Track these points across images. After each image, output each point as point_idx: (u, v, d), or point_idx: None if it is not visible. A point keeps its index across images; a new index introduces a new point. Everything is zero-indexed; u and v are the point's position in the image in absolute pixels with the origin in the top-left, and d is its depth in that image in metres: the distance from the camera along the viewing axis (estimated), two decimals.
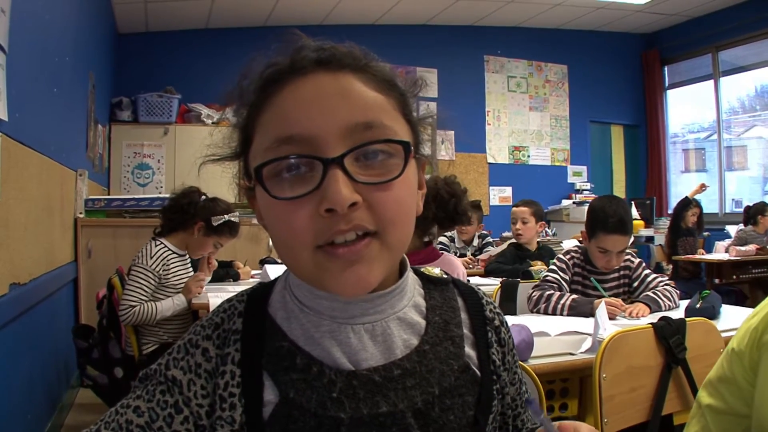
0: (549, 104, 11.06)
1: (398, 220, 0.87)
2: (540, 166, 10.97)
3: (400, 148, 0.87)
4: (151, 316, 3.59)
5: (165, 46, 8.60)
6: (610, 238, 3.15)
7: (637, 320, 2.91)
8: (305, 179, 0.84)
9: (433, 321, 0.99)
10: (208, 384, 0.92)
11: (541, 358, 2.23)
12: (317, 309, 0.93)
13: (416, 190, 0.95)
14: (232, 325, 0.95)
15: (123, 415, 0.90)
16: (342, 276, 0.85)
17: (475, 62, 10.60)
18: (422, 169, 1.00)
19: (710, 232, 8.67)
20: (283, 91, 0.88)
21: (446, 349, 0.97)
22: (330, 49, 0.90)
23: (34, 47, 3.36)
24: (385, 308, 0.94)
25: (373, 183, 0.84)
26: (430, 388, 0.92)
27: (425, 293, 1.03)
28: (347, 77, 0.89)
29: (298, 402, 0.88)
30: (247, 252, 5.47)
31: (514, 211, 5.16)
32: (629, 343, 2.16)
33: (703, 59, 10.72)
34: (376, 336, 0.93)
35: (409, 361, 0.93)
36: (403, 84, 0.96)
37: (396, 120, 0.90)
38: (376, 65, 0.93)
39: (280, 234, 0.88)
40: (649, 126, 11.53)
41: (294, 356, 0.91)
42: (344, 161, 0.82)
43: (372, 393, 0.89)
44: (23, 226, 3.18)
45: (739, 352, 1.47)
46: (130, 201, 5.67)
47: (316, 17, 8.96)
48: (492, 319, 1.08)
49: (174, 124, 7.88)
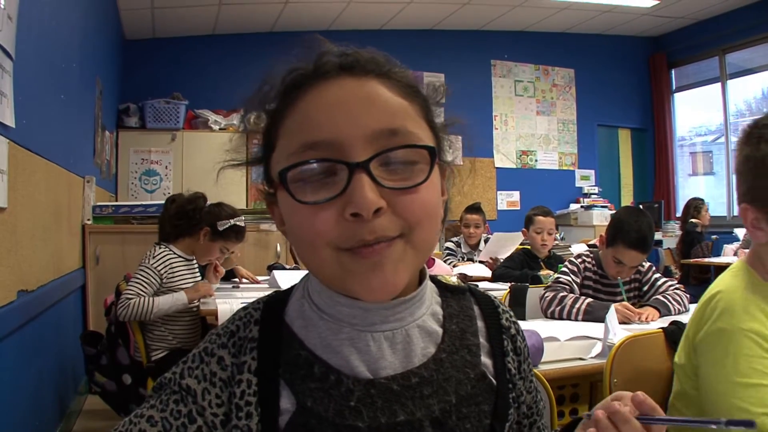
0: (556, 108, 11.04)
1: (424, 221, 0.86)
2: (547, 170, 10.94)
3: (425, 153, 0.86)
4: (148, 310, 3.54)
5: (172, 52, 8.61)
6: (628, 253, 3.12)
7: (647, 325, 2.90)
8: (330, 184, 0.83)
9: (450, 330, 0.99)
10: (223, 393, 0.91)
11: (551, 363, 2.22)
12: (337, 316, 0.92)
13: (440, 196, 0.94)
14: (248, 333, 0.95)
15: (137, 425, 0.90)
16: (366, 278, 0.84)
17: (482, 67, 10.59)
18: (444, 176, 1.00)
19: (718, 235, 8.62)
20: (307, 96, 0.88)
21: (463, 358, 0.97)
22: (353, 54, 0.90)
23: (41, 54, 3.37)
24: (404, 316, 0.94)
25: (400, 188, 0.84)
26: (447, 397, 0.92)
27: (442, 301, 1.03)
28: (372, 83, 0.88)
29: (316, 411, 0.87)
30: (254, 258, 5.47)
31: (542, 221, 5.01)
32: (640, 347, 2.14)
33: (711, 62, 10.68)
34: (395, 344, 0.92)
35: (427, 369, 0.92)
36: (426, 90, 0.96)
37: (420, 126, 0.90)
38: (399, 71, 0.93)
39: (303, 236, 0.87)
40: (657, 129, 11.49)
41: (312, 365, 0.90)
42: (370, 166, 0.82)
43: (390, 402, 0.88)
44: (31, 233, 3.18)
45: (681, 365, 1.66)
46: (138, 207, 5.67)
47: (322, 22, 8.97)
48: (508, 328, 1.08)
49: (181, 130, 7.90)
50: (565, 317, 3.10)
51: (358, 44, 0.94)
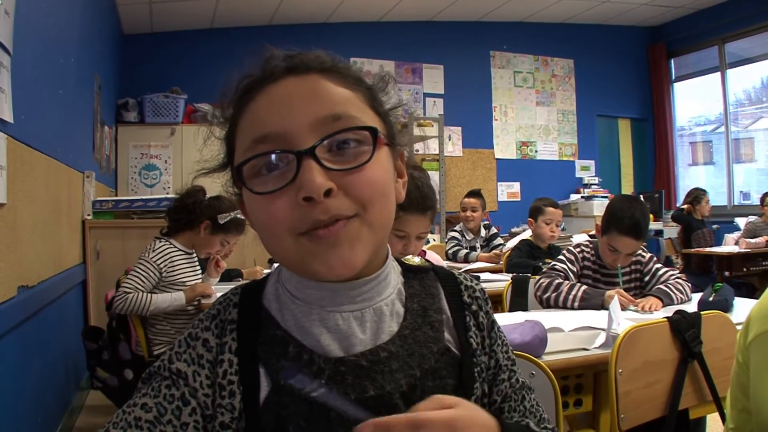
0: (556, 99, 11.03)
1: (375, 199, 0.91)
2: (548, 161, 10.95)
3: (367, 134, 0.91)
4: (144, 306, 3.55)
5: (170, 46, 8.61)
6: (622, 240, 3.12)
7: (650, 314, 2.89)
8: (283, 174, 0.89)
9: (411, 308, 1.03)
10: (211, 374, 0.95)
11: (554, 353, 2.21)
12: (307, 300, 0.97)
13: (392, 175, 0.99)
14: (228, 315, 0.99)
15: (131, 413, 0.91)
16: (325, 258, 0.89)
17: (482, 58, 10.58)
18: (401, 160, 1.05)
19: (719, 224, 8.63)
20: (256, 98, 0.94)
21: (425, 334, 1.01)
22: (298, 56, 0.96)
23: (38, 49, 3.35)
24: (371, 295, 0.98)
25: (345, 169, 0.89)
26: (412, 371, 0.96)
27: (405, 281, 1.07)
28: (315, 78, 0.94)
29: (289, 388, 0.91)
30: (255, 252, 5.46)
31: (553, 213, 5.04)
32: (644, 337, 2.14)
33: (710, 51, 10.69)
34: (364, 322, 0.97)
35: (393, 344, 0.97)
36: (372, 80, 1.03)
37: (364, 111, 0.95)
38: (343, 65, 0.99)
39: (264, 226, 0.92)
40: (657, 119, 11.50)
41: (287, 344, 0.95)
42: (316, 152, 0.87)
43: (360, 377, 0.92)
44: (31, 229, 3.17)
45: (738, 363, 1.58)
46: (138, 202, 5.66)
47: (321, 15, 8.95)
48: (470, 304, 1.11)
49: (180, 124, 7.87)
50: (561, 305, 3.10)
51: (357, 37, 0.97)
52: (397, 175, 1.02)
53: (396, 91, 1.06)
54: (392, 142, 1.00)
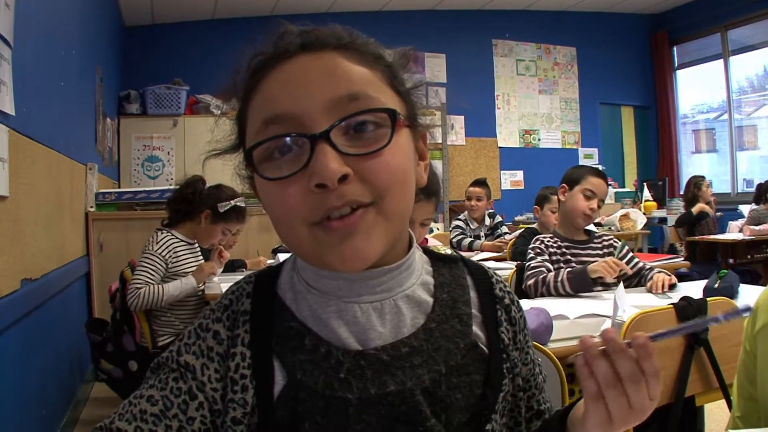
0: (558, 87, 11.00)
1: (393, 187, 0.86)
2: (551, 149, 10.92)
3: (386, 116, 0.86)
4: (158, 298, 3.55)
5: (171, 37, 8.59)
6: (598, 180, 3.32)
7: (664, 296, 2.92)
8: (296, 159, 0.84)
9: (441, 298, 0.99)
10: (221, 367, 0.92)
11: (560, 341, 2.21)
12: (323, 290, 0.93)
13: (412, 159, 0.94)
14: (240, 306, 0.96)
15: (137, 405, 0.90)
16: (339, 249, 0.84)
17: (484, 46, 10.55)
18: (423, 141, 1.00)
19: (723, 212, 8.60)
20: (269, 77, 0.89)
21: (453, 327, 0.97)
22: (313, 32, 0.91)
23: (40, 41, 3.34)
24: (392, 286, 0.94)
25: (362, 154, 0.84)
26: (437, 366, 0.92)
27: (433, 271, 1.03)
28: (330, 55, 0.89)
29: (306, 383, 0.88)
30: (258, 242, 5.46)
31: (551, 197, 5.13)
32: (650, 324, 2.12)
33: (712, 39, 10.66)
34: (384, 314, 0.92)
35: (417, 339, 0.93)
36: (391, 57, 0.96)
37: (382, 91, 0.90)
38: (361, 41, 0.93)
39: (276, 214, 0.88)
40: (660, 107, 11.47)
41: (303, 337, 0.91)
42: (331, 135, 0.82)
43: (380, 372, 0.89)
44: (34, 221, 3.17)
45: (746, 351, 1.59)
46: (141, 194, 5.66)
47: (322, 5, 8.93)
48: (502, 298, 1.07)
49: (183, 115, 7.86)
50: (555, 293, 3.10)
51: (359, 27, 0.94)
52: (419, 157, 0.98)
53: None
54: (413, 123, 0.95)
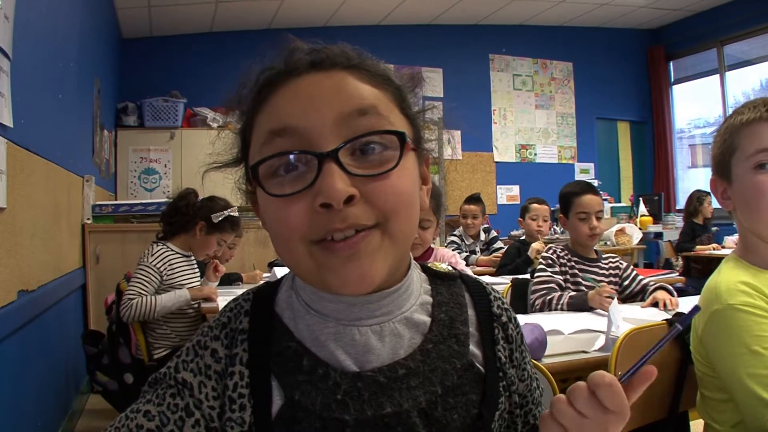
0: (555, 102, 11.03)
1: (399, 210, 0.85)
2: (547, 164, 10.95)
3: (395, 138, 0.85)
4: (151, 309, 3.54)
5: (169, 50, 8.62)
6: (585, 198, 3.30)
7: (667, 312, 2.93)
8: (301, 176, 0.83)
9: (439, 318, 0.98)
10: (218, 385, 0.91)
11: (554, 356, 2.21)
12: (322, 312, 0.92)
13: (417, 183, 0.93)
14: (238, 324, 0.95)
15: (133, 420, 0.89)
16: (342, 271, 0.83)
17: (480, 61, 10.59)
18: (426, 165, 0.99)
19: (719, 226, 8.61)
20: (278, 91, 0.89)
21: (450, 348, 0.96)
22: (323, 51, 0.90)
23: (38, 53, 3.35)
24: (392, 309, 0.93)
25: (369, 175, 0.83)
26: (433, 388, 0.91)
27: (432, 289, 1.02)
28: (340, 74, 0.88)
29: (303, 404, 0.88)
30: (255, 256, 5.46)
31: (537, 209, 5.39)
32: (644, 340, 2.13)
33: (709, 54, 10.69)
34: (383, 337, 0.92)
35: (413, 360, 0.92)
36: (399, 79, 0.95)
37: (391, 112, 0.89)
38: (370, 62, 0.93)
39: (278, 231, 0.86)
40: (656, 122, 11.50)
41: (301, 357, 0.90)
42: (339, 155, 0.81)
43: (376, 394, 0.88)
44: (30, 233, 3.17)
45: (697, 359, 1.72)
46: (138, 206, 5.66)
47: (319, 19, 8.96)
48: (499, 315, 1.06)
49: (180, 128, 7.86)
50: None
51: (356, 41, 0.94)
52: (422, 181, 0.96)
53: None
54: (419, 147, 0.95)
